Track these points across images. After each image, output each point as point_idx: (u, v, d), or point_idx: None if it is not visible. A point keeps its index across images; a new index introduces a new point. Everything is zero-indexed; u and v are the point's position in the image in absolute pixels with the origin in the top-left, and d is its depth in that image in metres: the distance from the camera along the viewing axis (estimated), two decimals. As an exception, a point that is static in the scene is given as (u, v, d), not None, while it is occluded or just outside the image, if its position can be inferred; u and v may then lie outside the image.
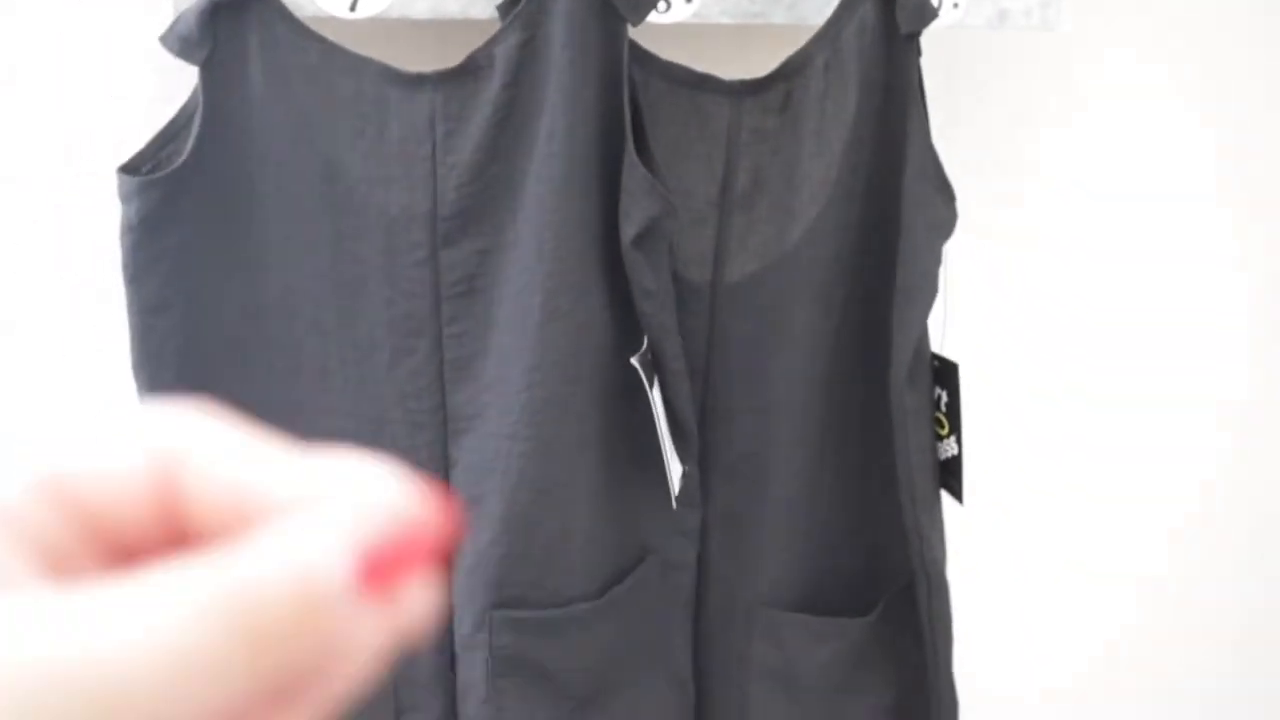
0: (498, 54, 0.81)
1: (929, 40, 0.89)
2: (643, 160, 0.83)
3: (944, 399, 0.97)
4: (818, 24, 0.89)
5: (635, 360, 0.84)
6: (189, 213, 0.81)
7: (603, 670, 0.92)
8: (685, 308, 0.90)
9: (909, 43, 0.89)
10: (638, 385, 0.88)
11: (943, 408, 0.97)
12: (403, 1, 0.82)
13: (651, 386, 0.86)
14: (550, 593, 0.88)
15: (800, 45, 0.89)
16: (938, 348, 0.97)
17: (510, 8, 0.82)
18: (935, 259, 0.92)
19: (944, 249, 0.93)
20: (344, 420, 0.87)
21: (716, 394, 0.93)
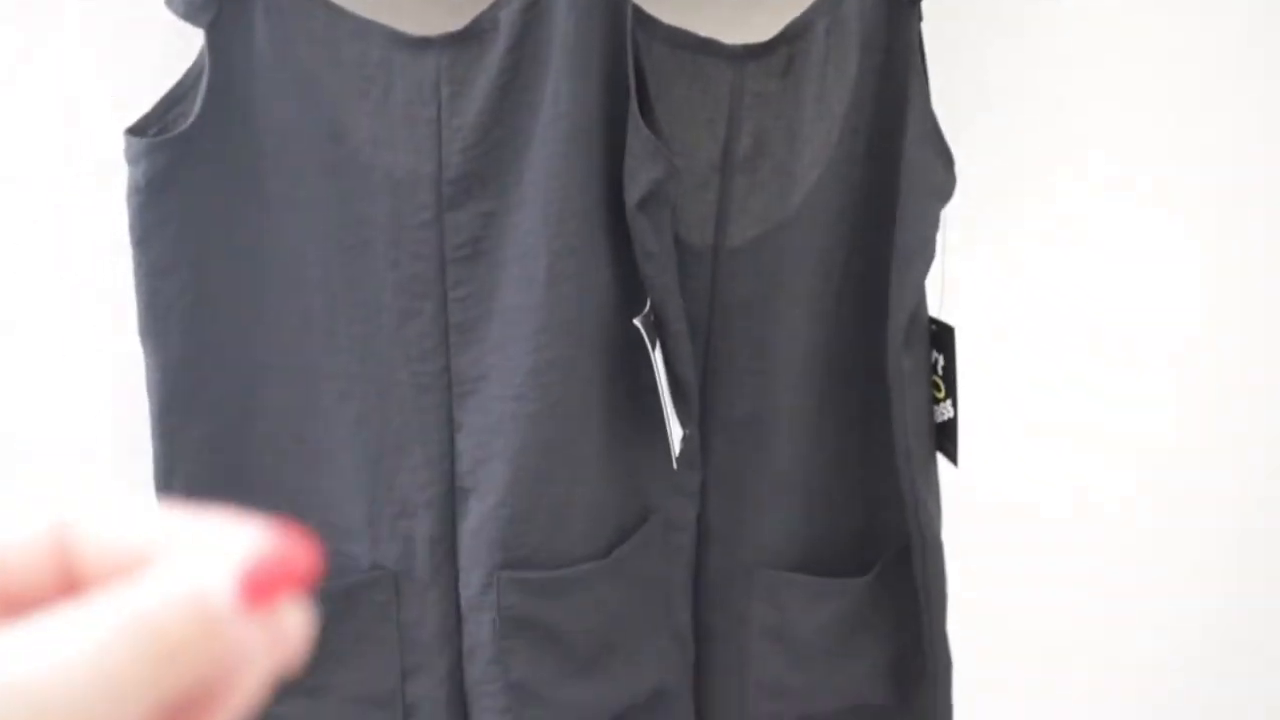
0: (502, 17, 0.81)
1: (929, 4, 0.90)
2: (647, 123, 0.83)
3: (940, 362, 0.98)
4: (820, -12, 0.89)
5: (638, 321, 0.85)
6: (195, 175, 0.81)
7: (607, 630, 0.93)
8: (687, 271, 0.91)
9: (910, 7, 0.89)
10: (639, 347, 0.88)
11: (939, 371, 0.98)
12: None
13: (654, 348, 0.86)
14: (556, 553, 0.89)
15: (802, 10, 0.89)
16: (935, 312, 0.98)
17: (515, -29, 0.82)
18: (933, 223, 0.93)
19: (942, 213, 0.93)
20: (349, 383, 0.87)
21: (717, 356, 0.94)
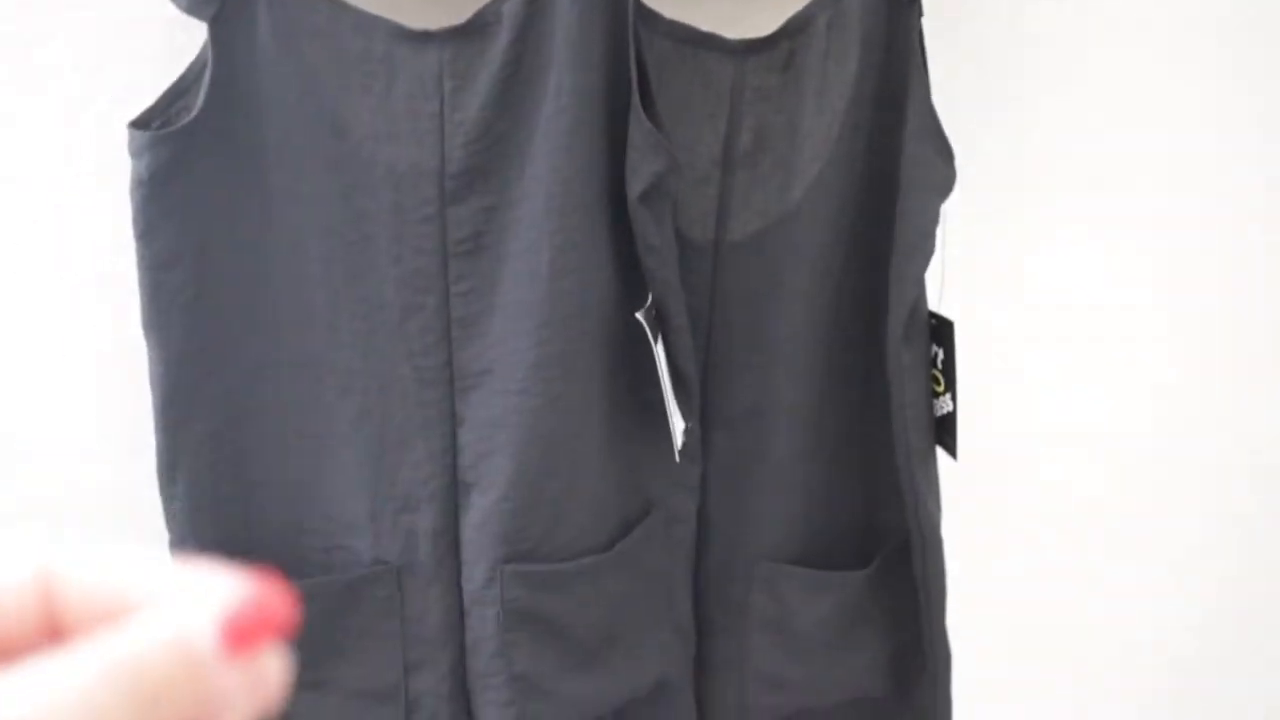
0: (505, 11, 0.81)
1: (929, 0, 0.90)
2: (649, 117, 0.83)
3: (940, 356, 0.98)
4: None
5: (640, 315, 0.85)
6: (198, 169, 0.81)
7: (610, 623, 0.93)
8: (688, 266, 0.91)
9: (911, 3, 0.89)
10: (640, 340, 0.88)
11: (939, 365, 0.99)
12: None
13: (656, 342, 0.87)
14: (559, 546, 0.89)
15: (803, 4, 0.89)
16: (935, 306, 0.98)
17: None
18: (933, 218, 0.93)
19: (942, 208, 0.94)
20: (351, 378, 0.87)
21: (718, 350, 0.94)
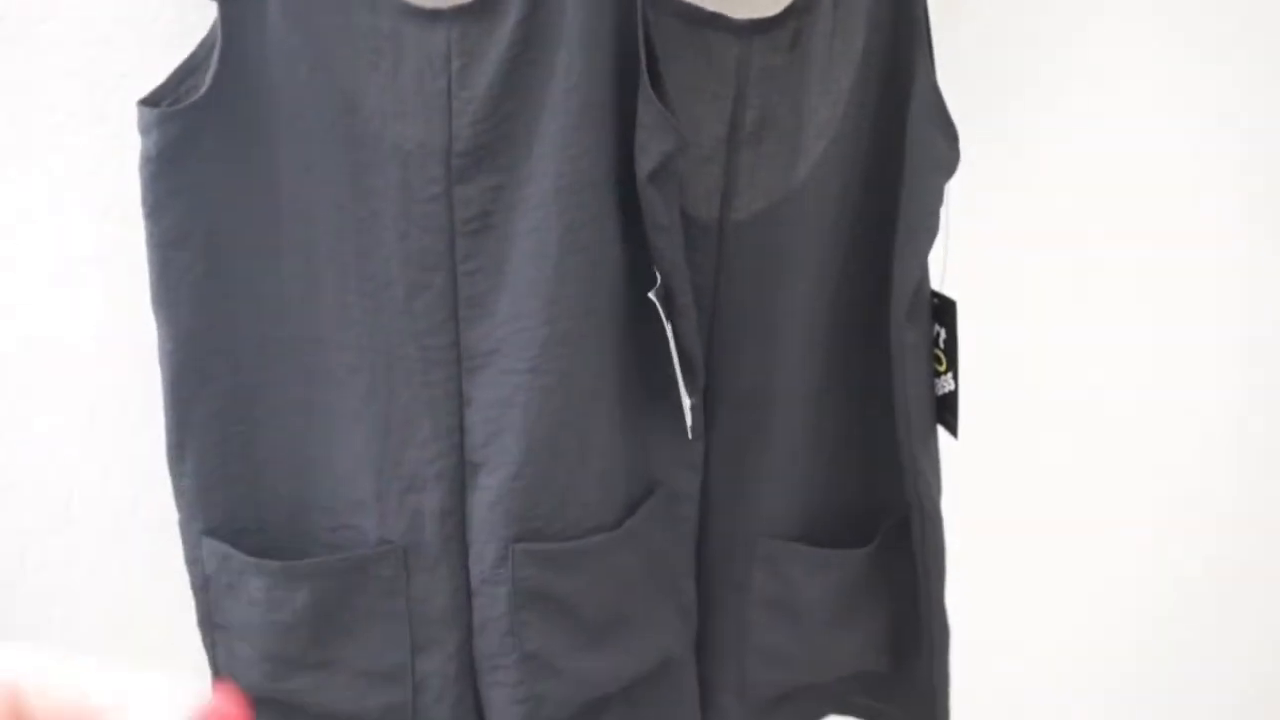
0: None
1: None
2: (658, 97, 0.84)
3: (942, 336, 0.99)
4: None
5: (653, 295, 0.85)
6: (207, 146, 0.81)
7: (618, 601, 0.93)
8: (693, 245, 0.91)
9: (916, -18, 0.90)
10: (645, 319, 0.89)
11: (941, 344, 0.99)
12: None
13: (668, 320, 0.87)
14: (569, 525, 0.89)
15: (809, -16, 0.90)
16: (937, 285, 0.99)
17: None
18: (937, 198, 0.94)
19: (946, 188, 0.94)
20: (359, 356, 0.87)
21: (722, 329, 0.95)
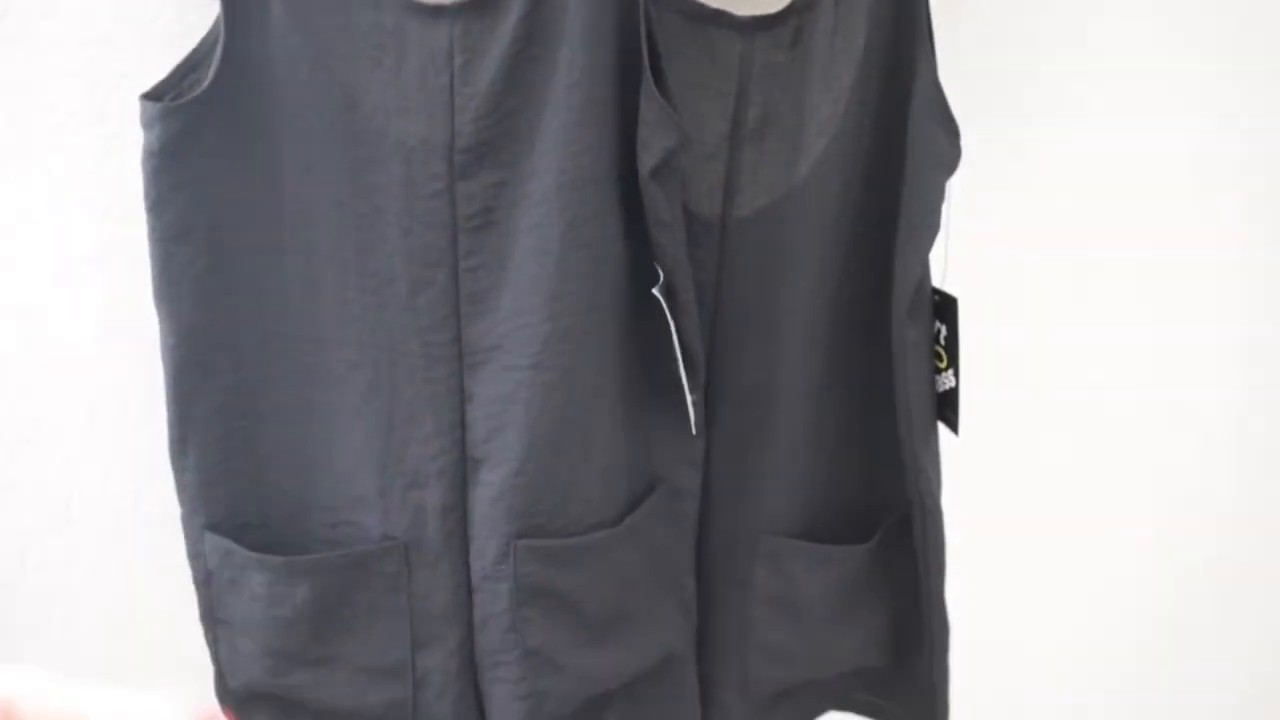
0: None
1: (937, -24, 0.90)
2: (660, 93, 0.84)
3: (943, 333, 0.99)
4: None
5: (657, 291, 0.85)
6: (209, 141, 0.81)
7: (619, 597, 0.93)
8: (695, 242, 0.91)
9: (918, -21, 0.90)
10: (646, 316, 0.89)
11: (941, 341, 0.99)
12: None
13: (671, 317, 0.87)
14: (570, 521, 0.89)
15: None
16: (938, 282, 0.99)
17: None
18: (939, 195, 0.94)
19: (947, 185, 0.94)
20: (361, 352, 0.87)
21: (724, 326, 0.95)
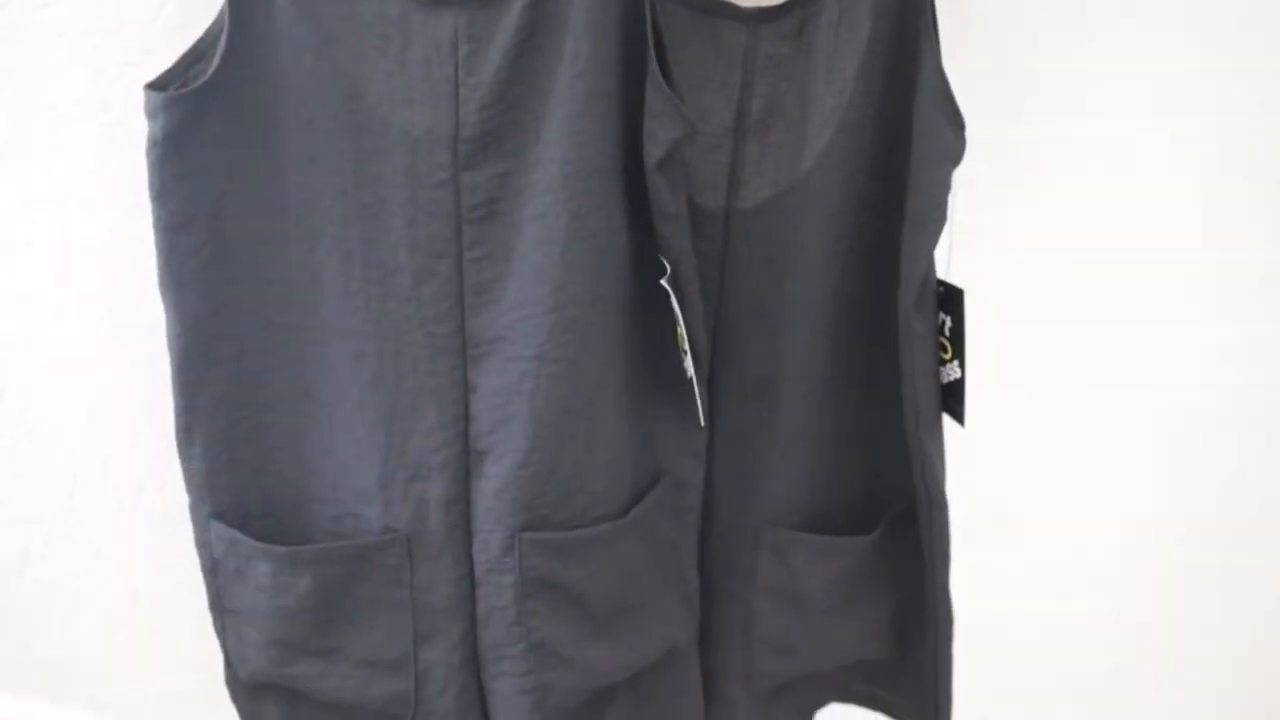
0: None
1: (942, -33, 0.90)
2: (666, 84, 0.84)
3: (948, 324, 0.99)
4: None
5: (665, 282, 0.85)
6: (213, 130, 0.81)
7: (624, 589, 0.93)
8: (699, 233, 0.91)
9: (923, -29, 0.90)
10: (651, 307, 0.89)
11: (947, 333, 0.99)
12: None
13: (679, 308, 0.87)
14: (575, 513, 0.89)
15: (816, -27, 0.89)
16: (943, 274, 0.99)
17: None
18: (944, 187, 0.93)
19: (953, 177, 0.94)
20: (364, 343, 0.87)
21: (729, 318, 0.95)
